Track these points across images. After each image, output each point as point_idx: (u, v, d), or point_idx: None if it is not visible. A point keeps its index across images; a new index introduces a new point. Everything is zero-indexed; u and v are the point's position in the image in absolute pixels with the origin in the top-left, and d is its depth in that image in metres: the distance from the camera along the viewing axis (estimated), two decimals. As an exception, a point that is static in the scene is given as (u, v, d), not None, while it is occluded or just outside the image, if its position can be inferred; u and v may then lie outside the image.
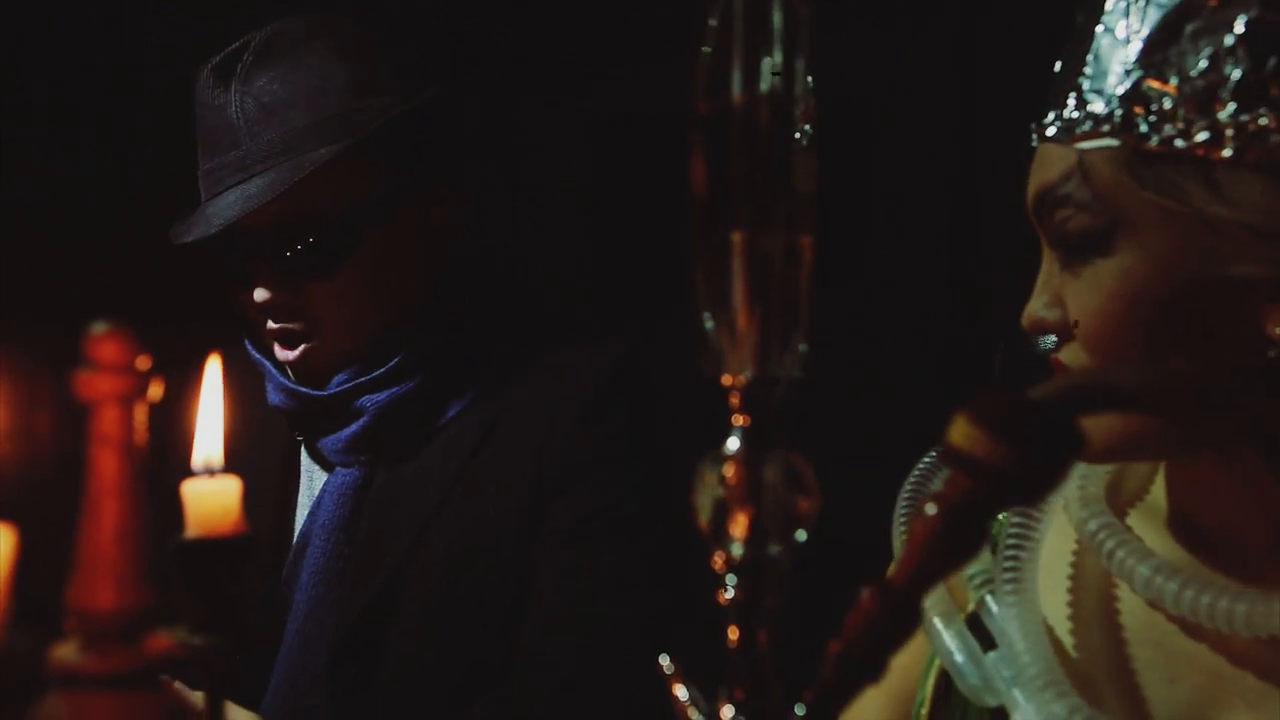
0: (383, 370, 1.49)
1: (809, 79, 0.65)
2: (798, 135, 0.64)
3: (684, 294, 0.66)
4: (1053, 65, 0.93)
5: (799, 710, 0.63)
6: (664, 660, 0.67)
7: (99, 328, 0.57)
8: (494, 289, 1.58)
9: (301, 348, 1.49)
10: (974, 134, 2.33)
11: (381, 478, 1.51)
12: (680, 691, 0.66)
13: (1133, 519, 0.97)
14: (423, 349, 1.50)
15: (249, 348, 1.57)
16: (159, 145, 1.92)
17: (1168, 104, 0.83)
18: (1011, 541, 0.96)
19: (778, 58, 0.65)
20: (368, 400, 1.49)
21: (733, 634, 0.64)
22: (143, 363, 0.58)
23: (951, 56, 2.36)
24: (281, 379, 1.53)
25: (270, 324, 1.49)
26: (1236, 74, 0.82)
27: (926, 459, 1.03)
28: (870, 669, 0.63)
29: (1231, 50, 0.82)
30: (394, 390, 1.50)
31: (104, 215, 2.34)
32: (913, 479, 1.02)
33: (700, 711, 0.65)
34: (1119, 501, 0.97)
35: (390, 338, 1.50)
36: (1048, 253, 0.92)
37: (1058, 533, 0.98)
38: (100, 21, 2.43)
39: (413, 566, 1.46)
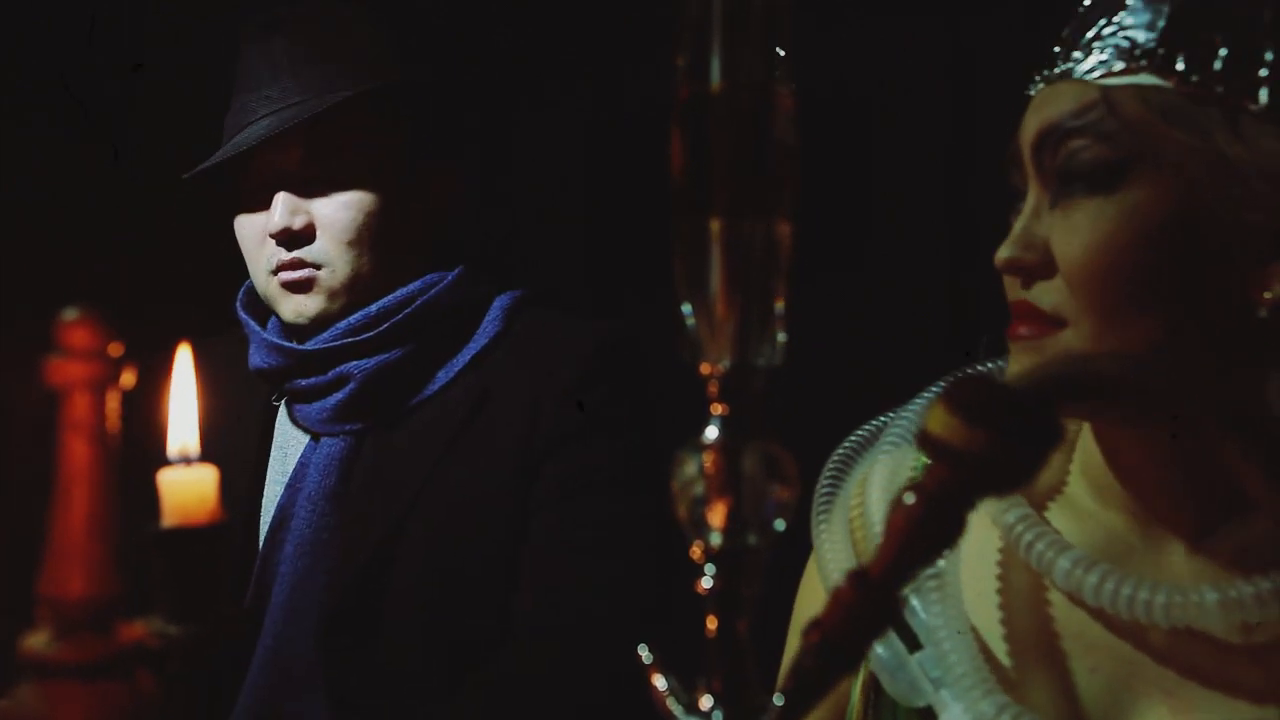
0: (370, 335, 1.52)
1: (789, 65, 0.65)
2: (776, 120, 0.64)
3: (668, 283, 0.66)
4: (1043, 53, 0.94)
5: (777, 700, 0.63)
6: (642, 650, 0.67)
7: (70, 313, 0.57)
8: (484, 268, 1.61)
9: (307, 270, 1.51)
10: (973, 133, 2.32)
11: (369, 447, 1.53)
12: (659, 681, 0.65)
13: (1050, 511, 0.96)
14: (410, 318, 1.53)
15: (238, 308, 1.59)
16: (141, 138, 1.92)
17: (1207, 50, 0.85)
18: None
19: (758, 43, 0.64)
20: (354, 367, 1.51)
21: (711, 624, 0.64)
22: (115, 349, 0.58)
23: (950, 56, 2.36)
24: (266, 335, 1.54)
25: (279, 254, 1.51)
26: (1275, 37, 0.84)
27: (843, 446, 1.03)
28: (848, 659, 0.63)
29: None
30: (381, 358, 1.52)
31: (76, 205, 2.35)
32: (830, 467, 1.03)
33: (679, 701, 0.65)
34: (1035, 493, 0.97)
35: (379, 306, 1.53)
36: (1034, 197, 0.91)
37: (978, 526, 0.97)
38: (92, 15, 2.43)
39: (404, 536, 1.48)
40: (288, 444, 1.57)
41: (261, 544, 1.51)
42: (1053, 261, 0.88)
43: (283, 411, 1.60)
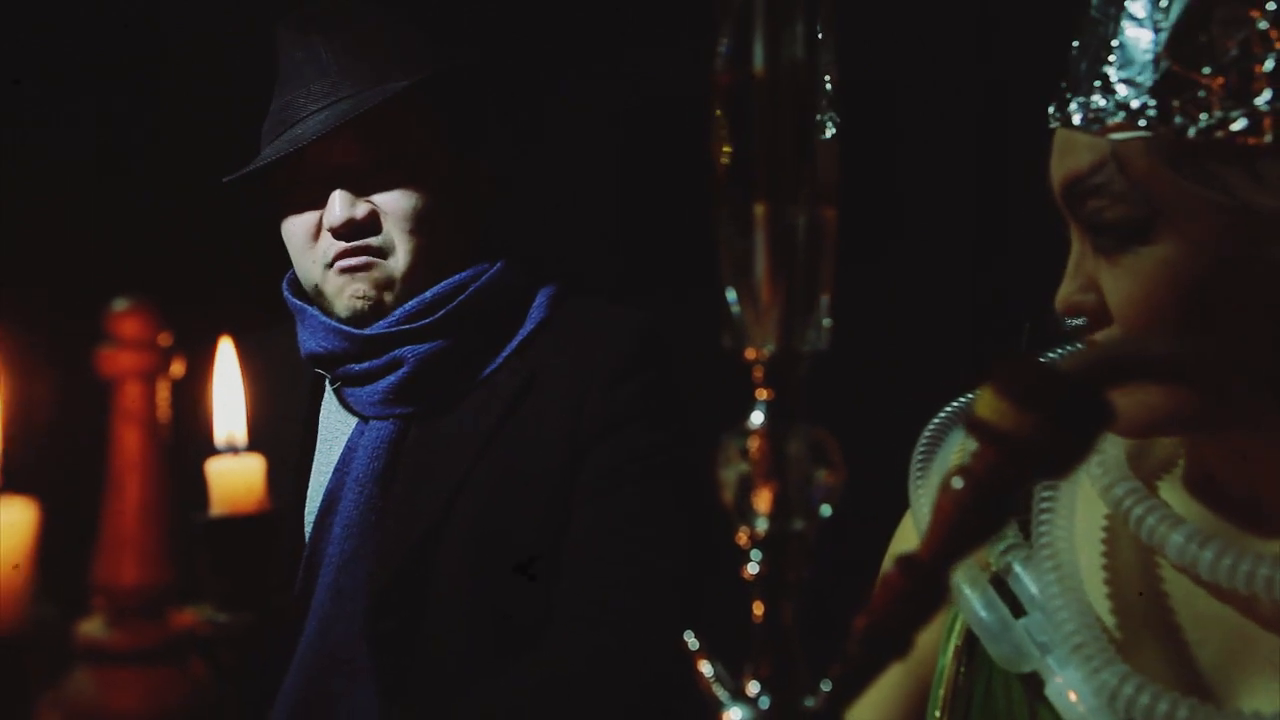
0: (426, 322, 1.53)
1: (833, 49, 0.65)
2: (821, 106, 0.64)
3: (709, 272, 0.66)
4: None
5: (825, 686, 0.63)
6: (689, 636, 0.67)
7: (121, 304, 0.57)
8: (527, 256, 1.63)
9: (373, 264, 1.53)
10: (998, 117, 2.32)
11: (417, 431, 1.55)
12: (705, 667, 0.65)
13: (1161, 485, 0.96)
14: (462, 306, 1.55)
15: (286, 294, 1.61)
16: (174, 124, 1.93)
17: (1202, 94, 0.81)
18: (1044, 507, 0.96)
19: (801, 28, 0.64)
20: (409, 351, 1.53)
21: (757, 609, 0.64)
22: (165, 339, 0.58)
23: (975, 39, 2.35)
24: (324, 319, 1.56)
25: (336, 245, 1.53)
26: (1270, 62, 0.80)
27: (940, 415, 1.03)
28: (897, 644, 0.62)
29: (1264, 35, 0.80)
30: (435, 344, 1.54)
31: (119, 193, 2.37)
32: (927, 434, 1.03)
33: (725, 687, 0.65)
34: (1145, 468, 0.97)
35: (433, 293, 1.55)
36: (1078, 234, 0.90)
37: (1085, 498, 0.98)
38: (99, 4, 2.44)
39: (450, 519, 1.50)
40: (334, 431, 1.59)
41: (310, 529, 1.53)
42: (1106, 306, 0.88)
43: (330, 398, 1.61)
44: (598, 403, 1.51)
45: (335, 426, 1.60)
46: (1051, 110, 0.91)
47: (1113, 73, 0.85)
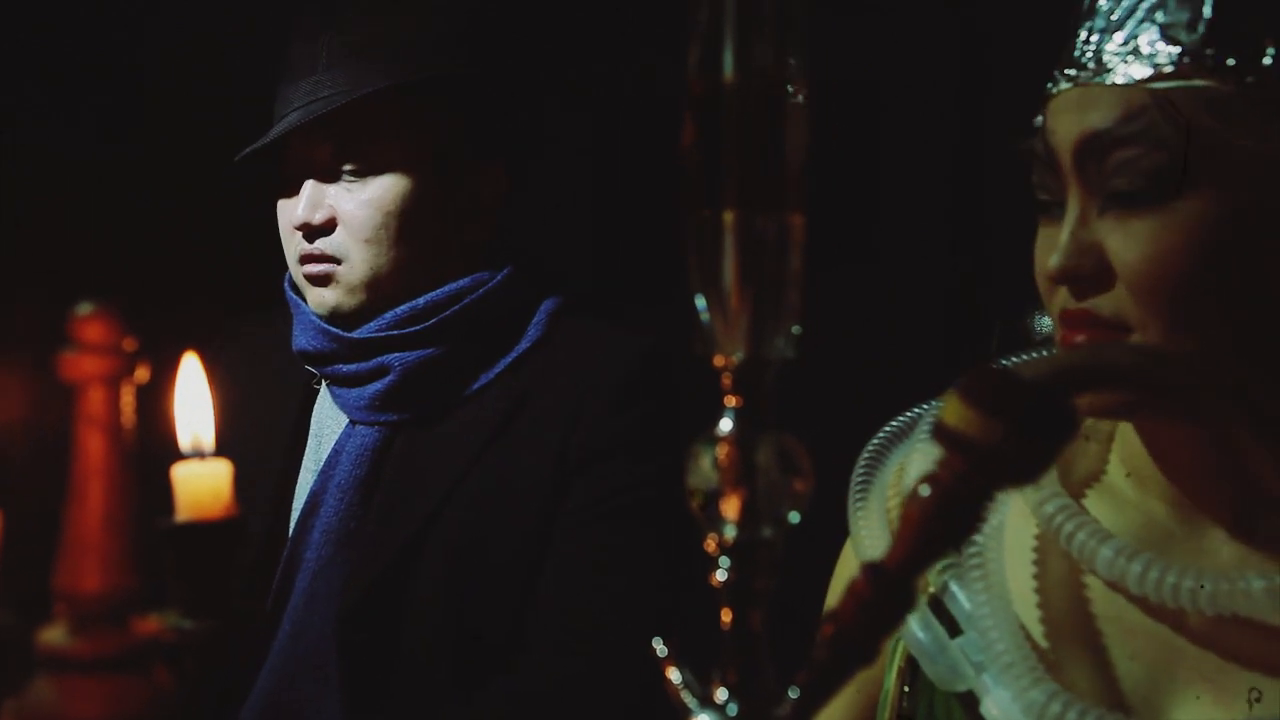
0: (416, 329, 1.52)
1: (801, 57, 0.64)
2: (789, 113, 0.64)
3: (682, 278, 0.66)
4: (1056, 42, 0.91)
5: (792, 693, 0.63)
6: (657, 644, 0.67)
7: (85, 308, 0.57)
8: (525, 270, 1.61)
9: (326, 266, 1.52)
10: (979, 118, 2.31)
11: (403, 441, 1.53)
12: (673, 674, 0.65)
13: (1089, 499, 0.95)
14: (458, 316, 1.53)
15: (285, 288, 1.61)
16: (150, 129, 1.93)
17: (1256, 44, 0.82)
18: None
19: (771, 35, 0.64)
20: (396, 359, 1.52)
21: (726, 616, 0.64)
22: (129, 344, 0.58)
23: (956, 39, 2.34)
24: (314, 318, 1.56)
25: (303, 245, 1.52)
26: None
27: (881, 433, 1.02)
28: (863, 651, 0.62)
29: None
30: (424, 352, 1.52)
31: (92, 198, 2.37)
32: (865, 456, 1.02)
33: (694, 694, 0.64)
34: (1072, 482, 0.95)
35: (427, 300, 1.53)
36: (1078, 203, 0.87)
37: (1016, 514, 0.97)
38: (96, 4, 2.45)
39: (431, 534, 1.48)
40: (324, 430, 1.59)
41: (292, 529, 1.53)
42: (1108, 270, 0.85)
43: (323, 395, 1.61)
44: (591, 430, 1.49)
45: (327, 423, 1.60)
46: (1070, 71, 0.88)
47: (1163, 15, 0.84)
